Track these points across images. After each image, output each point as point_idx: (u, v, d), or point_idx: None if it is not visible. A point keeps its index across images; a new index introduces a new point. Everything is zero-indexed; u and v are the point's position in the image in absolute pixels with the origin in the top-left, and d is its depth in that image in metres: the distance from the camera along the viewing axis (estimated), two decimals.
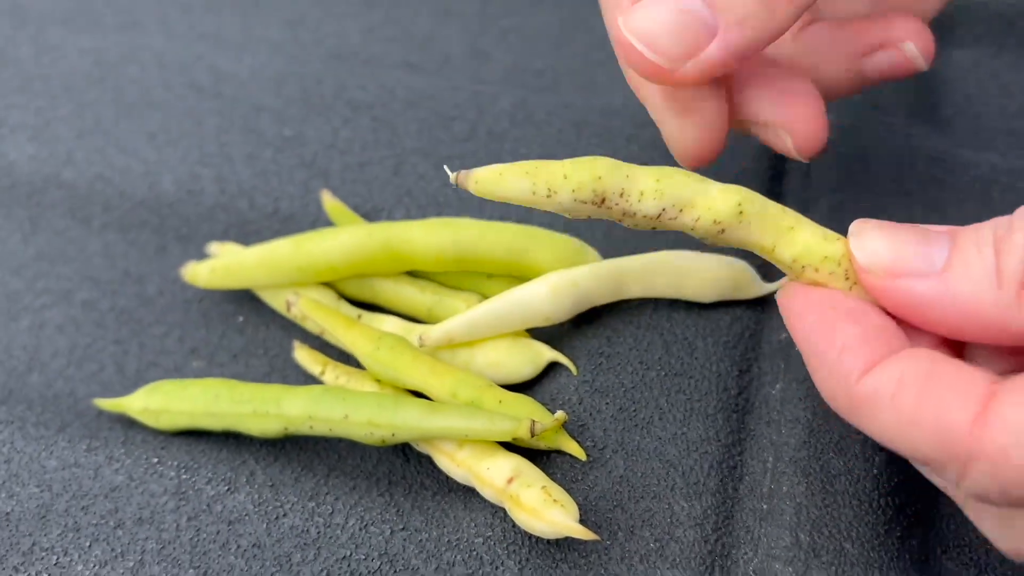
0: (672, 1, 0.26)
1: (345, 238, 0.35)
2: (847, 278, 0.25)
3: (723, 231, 0.26)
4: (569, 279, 0.33)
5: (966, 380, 0.22)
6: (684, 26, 0.25)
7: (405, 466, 0.33)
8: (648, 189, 0.25)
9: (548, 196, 0.25)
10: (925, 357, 0.23)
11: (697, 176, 0.26)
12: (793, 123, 0.29)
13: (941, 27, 0.45)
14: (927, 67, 0.31)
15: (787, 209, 0.26)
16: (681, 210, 0.26)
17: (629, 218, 0.26)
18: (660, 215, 0.26)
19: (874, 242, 0.24)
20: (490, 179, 0.25)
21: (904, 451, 0.23)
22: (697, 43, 0.26)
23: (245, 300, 0.37)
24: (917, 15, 0.32)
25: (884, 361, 0.23)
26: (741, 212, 0.25)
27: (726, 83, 0.30)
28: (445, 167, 0.26)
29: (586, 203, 0.26)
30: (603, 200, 0.26)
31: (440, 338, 0.33)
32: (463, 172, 0.25)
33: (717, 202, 0.25)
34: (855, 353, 0.23)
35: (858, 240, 0.24)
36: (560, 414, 0.31)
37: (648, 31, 0.26)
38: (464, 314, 0.33)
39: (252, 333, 0.37)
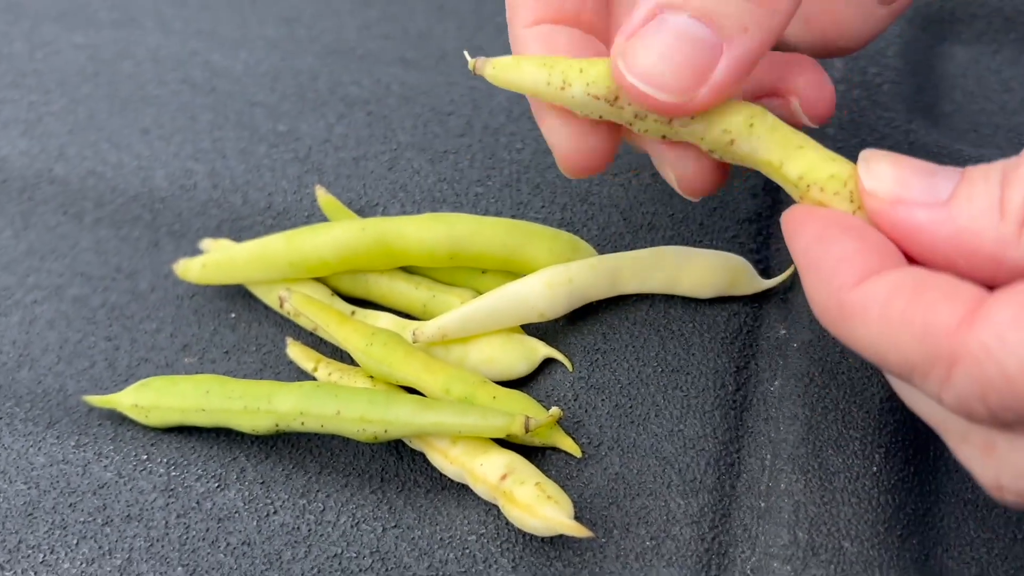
0: (666, 30, 0.24)
1: (338, 233, 0.34)
2: (852, 200, 0.24)
3: (732, 142, 0.26)
4: (564, 275, 0.33)
5: (958, 287, 0.21)
6: (686, 54, 0.24)
7: (398, 463, 0.32)
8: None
9: (562, 88, 0.26)
10: (920, 270, 0.22)
11: None
12: (801, 89, 0.29)
13: (941, 22, 0.44)
14: (815, 126, 0.30)
15: (797, 131, 0.26)
16: (692, 117, 0.25)
17: (640, 121, 0.26)
18: (671, 120, 0.25)
19: (882, 168, 0.24)
20: (507, 65, 0.26)
21: (889, 360, 0.22)
22: (705, 67, 0.24)
23: (238, 296, 0.37)
24: (854, 37, 0.31)
25: (879, 273, 0.22)
26: (752, 125, 0.25)
27: None
28: (465, 52, 0.27)
29: (599, 99, 0.26)
30: (616, 98, 0.26)
31: (434, 334, 0.33)
32: (481, 58, 0.26)
33: (728, 113, 0.25)
34: (851, 264, 0.23)
35: (866, 164, 0.24)
36: (555, 410, 0.30)
37: (651, 70, 0.24)
38: (458, 310, 0.33)
39: (244, 329, 0.36)
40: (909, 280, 0.22)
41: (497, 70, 0.26)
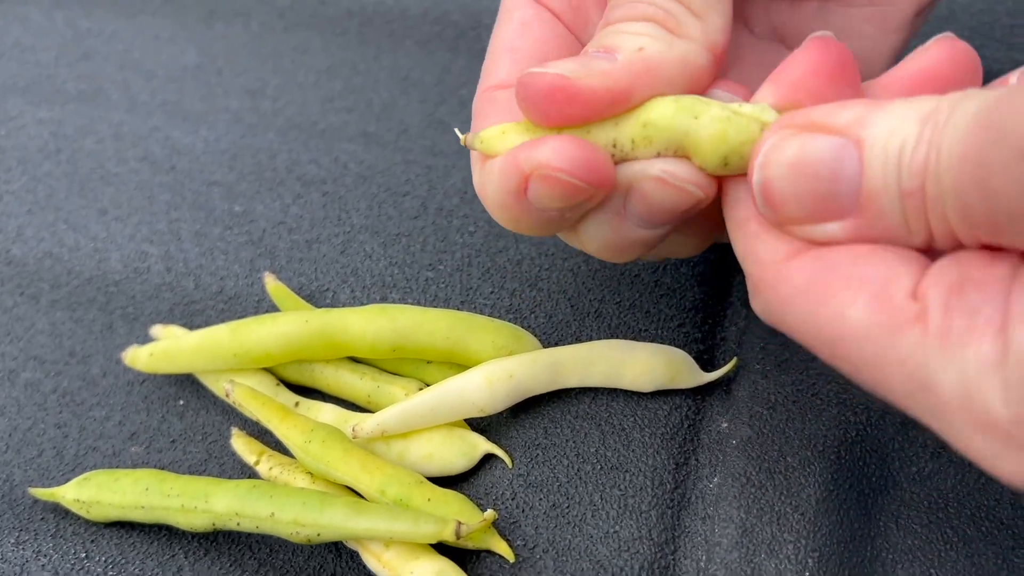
0: (571, 58, 0.25)
1: (281, 325, 0.34)
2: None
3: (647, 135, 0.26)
4: (504, 370, 0.33)
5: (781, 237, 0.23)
6: (584, 60, 0.25)
7: (336, 561, 0.32)
8: (638, 136, 0.25)
9: None
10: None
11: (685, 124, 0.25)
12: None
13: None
14: None
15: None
16: (675, 151, 0.25)
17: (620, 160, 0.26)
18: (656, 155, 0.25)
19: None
20: (494, 137, 0.26)
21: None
22: (596, 65, 0.25)
23: (187, 383, 0.37)
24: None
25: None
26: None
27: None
28: (456, 130, 0.28)
29: None
30: None
31: (373, 430, 0.33)
32: (470, 134, 0.27)
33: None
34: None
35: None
36: (489, 513, 0.30)
37: (549, 68, 0.25)
38: (397, 406, 0.33)
39: (192, 418, 0.36)
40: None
41: (486, 143, 0.27)
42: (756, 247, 0.23)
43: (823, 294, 0.21)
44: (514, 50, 0.30)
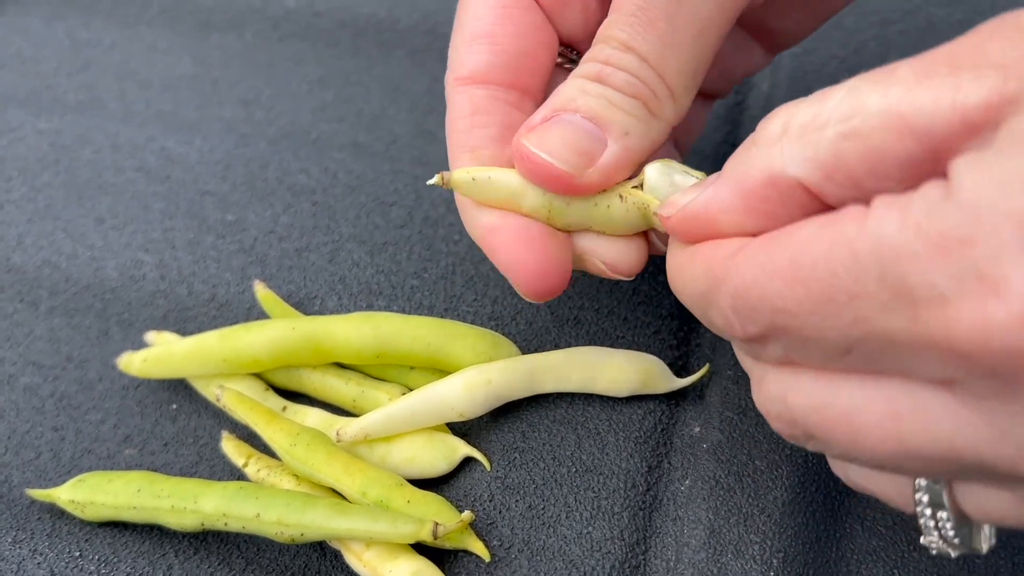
0: (562, 123, 0.28)
1: (269, 332, 0.36)
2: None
3: (608, 206, 0.29)
4: (483, 376, 0.34)
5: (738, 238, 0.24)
6: (578, 139, 0.28)
7: (320, 560, 0.33)
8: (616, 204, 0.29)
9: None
10: None
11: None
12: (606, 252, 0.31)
13: None
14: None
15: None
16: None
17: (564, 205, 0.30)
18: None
19: (673, 198, 0.26)
20: (464, 184, 0.29)
21: (686, 294, 0.26)
22: (593, 152, 0.28)
23: (180, 387, 0.38)
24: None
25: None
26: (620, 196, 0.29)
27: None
28: (438, 174, 0.29)
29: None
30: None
31: (356, 434, 0.34)
32: (446, 172, 0.29)
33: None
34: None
35: (662, 208, 0.27)
36: (466, 515, 0.32)
37: (549, 147, 0.28)
38: (380, 410, 0.34)
39: (184, 421, 0.38)
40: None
41: (457, 185, 0.29)
42: (712, 253, 0.24)
43: (777, 236, 0.22)
44: (492, 37, 0.31)
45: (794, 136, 0.22)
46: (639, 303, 0.38)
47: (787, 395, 0.23)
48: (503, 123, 0.30)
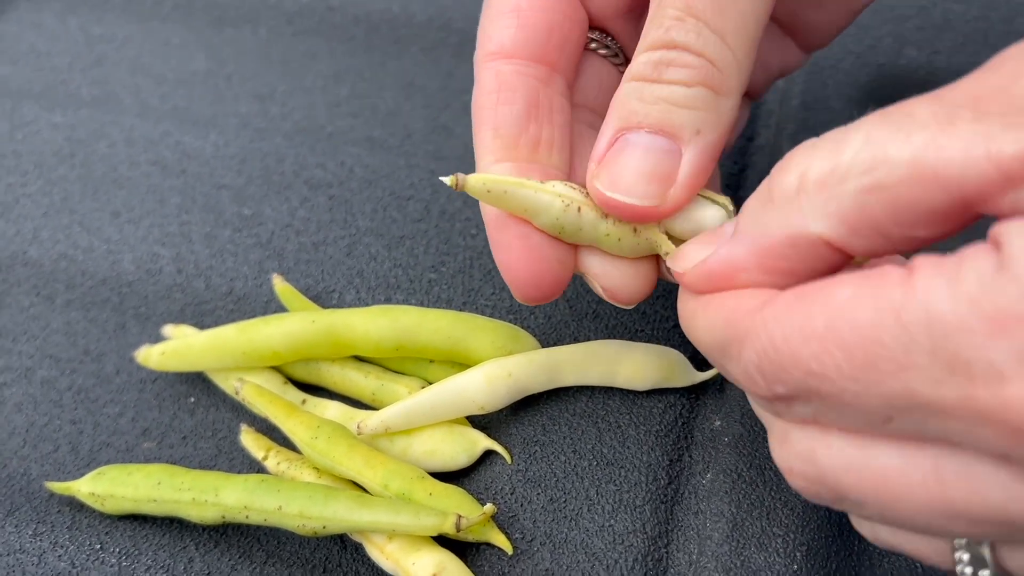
0: (630, 148, 0.27)
1: (288, 325, 0.36)
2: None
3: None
4: (503, 369, 0.34)
5: (763, 288, 0.23)
6: (652, 164, 0.27)
7: (342, 553, 0.33)
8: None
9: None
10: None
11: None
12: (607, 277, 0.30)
13: (881, 97, 0.45)
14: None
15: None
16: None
17: (606, 224, 0.28)
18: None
19: (686, 249, 0.26)
20: (478, 190, 0.28)
21: (704, 342, 0.25)
22: (670, 171, 0.27)
23: (198, 381, 0.38)
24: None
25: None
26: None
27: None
28: (442, 179, 0.29)
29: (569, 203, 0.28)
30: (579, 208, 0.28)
31: (376, 427, 0.34)
32: (460, 175, 0.28)
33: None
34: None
35: (674, 260, 0.26)
36: (488, 507, 0.32)
37: (625, 185, 0.27)
38: (400, 403, 0.34)
39: (202, 415, 0.38)
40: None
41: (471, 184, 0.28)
42: (736, 304, 0.23)
43: (810, 295, 0.21)
44: (518, 12, 0.30)
45: (813, 191, 0.21)
46: (658, 297, 0.38)
47: (816, 455, 0.22)
48: (529, 100, 0.29)
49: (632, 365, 0.35)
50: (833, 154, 0.21)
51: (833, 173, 0.21)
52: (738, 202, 0.41)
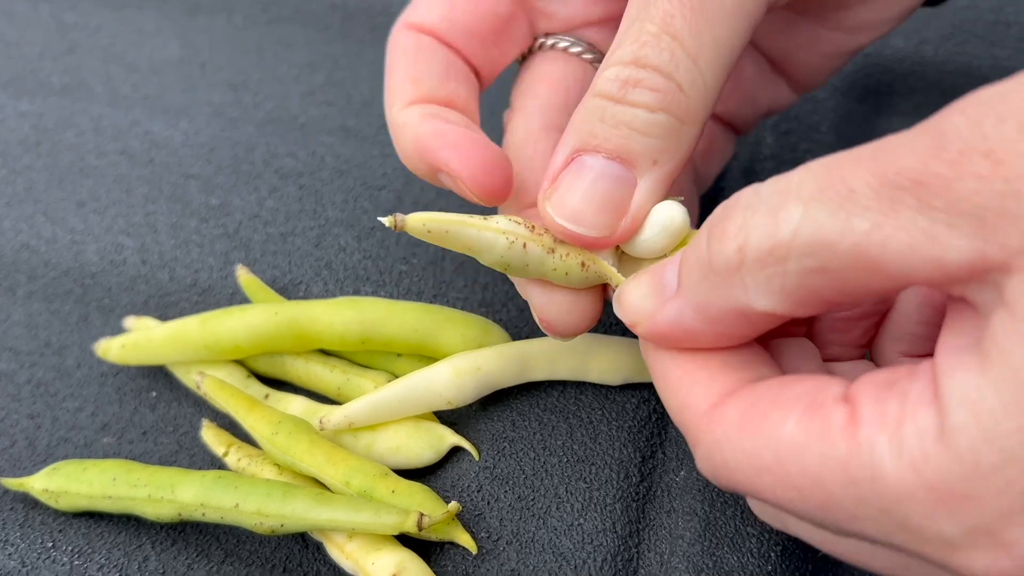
0: (585, 172, 0.25)
1: (250, 317, 0.35)
2: None
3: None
4: (472, 363, 0.33)
5: (716, 375, 0.23)
6: (606, 192, 0.25)
7: (302, 552, 0.32)
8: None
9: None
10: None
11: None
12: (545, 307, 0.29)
13: (879, 94, 0.44)
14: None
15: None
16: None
17: (560, 248, 0.27)
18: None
19: (628, 297, 0.25)
20: (418, 229, 0.26)
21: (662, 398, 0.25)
22: (623, 201, 0.26)
23: (160, 375, 0.37)
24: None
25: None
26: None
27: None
28: (380, 219, 0.26)
29: (520, 224, 0.27)
30: (532, 227, 0.27)
31: (340, 422, 0.33)
32: (399, 216, 0.26)
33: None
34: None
35: (619, 305, 0.25)
36: (452, 505, 0.30)
37: (576, 211, 0.26)
38: (365, 398, 0.33)
39: (164, 409, 0.36)
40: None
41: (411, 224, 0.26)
42: (688, 397, 0.23)
43: (757, 421, 0.21)
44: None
45: (754, 268, 0.20)
46: None
47: (783, 518, 0.24)
48: (448, 63, 0.29)
49: (605, 359, 0.34)
50: (771, 226, 0.20)
51: (773, 252, 0.20)
52: (719, 195, 0.40)
